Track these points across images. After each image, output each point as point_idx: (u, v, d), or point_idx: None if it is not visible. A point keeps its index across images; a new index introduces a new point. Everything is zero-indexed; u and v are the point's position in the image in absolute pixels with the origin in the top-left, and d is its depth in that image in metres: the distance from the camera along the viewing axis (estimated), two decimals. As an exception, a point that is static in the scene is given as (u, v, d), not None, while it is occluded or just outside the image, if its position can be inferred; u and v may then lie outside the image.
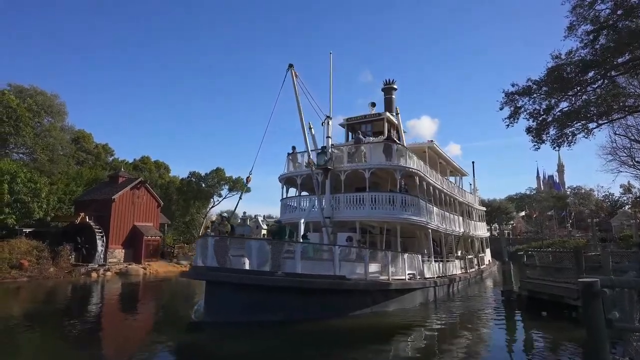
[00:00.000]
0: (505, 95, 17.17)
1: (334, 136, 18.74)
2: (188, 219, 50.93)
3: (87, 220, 30.76)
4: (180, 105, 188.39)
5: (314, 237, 16.53)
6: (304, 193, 19.54)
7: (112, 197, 32.18)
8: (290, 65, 16.07)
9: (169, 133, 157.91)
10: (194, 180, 52.11)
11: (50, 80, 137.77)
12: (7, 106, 32.39)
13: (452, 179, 29.64)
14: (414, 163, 18.11)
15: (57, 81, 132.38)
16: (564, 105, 16.77)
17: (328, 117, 17.53)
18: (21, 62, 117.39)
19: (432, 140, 22.73)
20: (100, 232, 30.48)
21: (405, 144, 20.75)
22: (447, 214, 22.21)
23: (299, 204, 18.40)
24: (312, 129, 18.24)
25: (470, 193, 31.78)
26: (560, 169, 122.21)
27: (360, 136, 19.02)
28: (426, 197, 18.99)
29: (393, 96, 25.78)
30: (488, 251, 33.91)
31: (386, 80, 26.23)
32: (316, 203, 17.09)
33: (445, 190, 22.46)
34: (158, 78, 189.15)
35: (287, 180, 19.36)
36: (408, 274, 15.36)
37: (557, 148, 17.60)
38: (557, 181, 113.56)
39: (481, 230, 31.85)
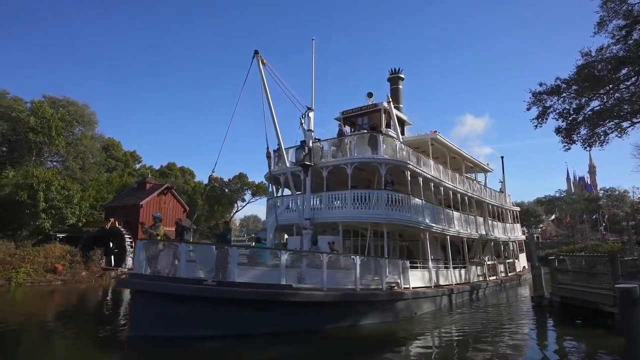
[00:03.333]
0: (533, 95, 16.75)
1: (332, 133, 17.21)
2: (213, 224, 51.81)
3: (117, 225, 31.74)
4: (206, 111, 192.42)
5: (296, 241, 15.20)
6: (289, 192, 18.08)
7: (140, 203, 33.14)
8: (256, 52, 14.35)
9: (194, 139, 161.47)
10: (217, 185, 53.08)
11: (78, 89, 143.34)
12: (42, 117, 33.98)
13: (479, 176, 27.72)
14: (408, 156, 16.37)
15: (82, 89, 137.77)
16: (595, 104, 16.23)
17: (309, 108, 15.84)
18: (47, 72, 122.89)
19: (436, 131, 19.95)
20: (130, 237, 31.38)
21: (402, 137, 19.09)
22: (458, 214, 20.02)
23: (282, 204, 16.94)
24: (304, 124, 17.00)
25: (500, 191, 29.00)
26: (592, 170, 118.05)
27: (344, 128, 17.31)
28: (422, 194, 16.84)
29: (400, 86, 23.76)
30: (523, 256, 30.51)
31: (392, 69, 24.03)
32: (291, 204, 15.83)
33: (455, 188, 20.18)
34: (180, 83, 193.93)
35: (272, 179, 18.11)
36: (388, 283, 13.23)
37: (588, 148, 17.03)
38: (589, 183, 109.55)
39: (513, 232, 28.83)
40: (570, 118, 16.27)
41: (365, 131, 18.03)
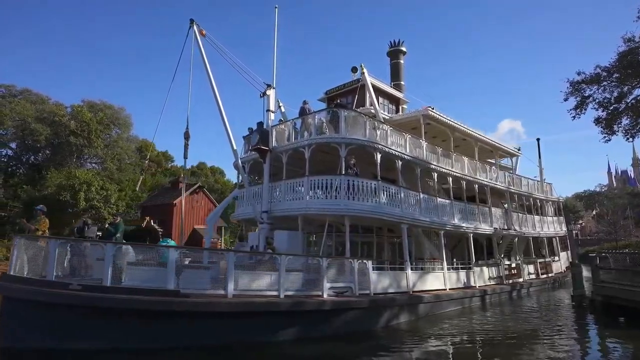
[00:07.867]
0: (571, 85, 16.13)
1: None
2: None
3: (152, 223, 32.90)
4: (228, 108, 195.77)
5: (254, 237, 13.79)
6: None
7: (173, 202, 34.19)
8: (191, 21, 12.33)
9: (218, 137, 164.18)
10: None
11: (107, 90, 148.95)
12: (81, 120, 35.75)
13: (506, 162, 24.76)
14: (386, 136, 13.98)
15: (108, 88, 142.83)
16: (638, 92, 15.42)
17: (269, 85, 13.96)
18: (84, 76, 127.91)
19: (429, 107, 16.72)
20: (164, 235, 32.43)
21: (392, 116, 17.52)
22: (460, 204, 16.94)
23: (246, 195, 15.40)
24: (282, 107, 15.34)
25: (534, 179, 25.03)
26: (636, 163, 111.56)
27: (306, 106, 14.91)
28: (400, 181, 14.17)
29: (401, 61, 21.66)
30: (565, 255, 25.90)
31: (392, 42, 21.79)
32: (244, 195, 14.54)
33: (458, 174, 17.07)
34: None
35: (238, 167, 16.59)
36: (334, 288, 10.69)
37: (630, 139, 16.25)
38: (632, 176, 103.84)
39: (548, 227, 24.39)
40: (611, 107, 15.55)
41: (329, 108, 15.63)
